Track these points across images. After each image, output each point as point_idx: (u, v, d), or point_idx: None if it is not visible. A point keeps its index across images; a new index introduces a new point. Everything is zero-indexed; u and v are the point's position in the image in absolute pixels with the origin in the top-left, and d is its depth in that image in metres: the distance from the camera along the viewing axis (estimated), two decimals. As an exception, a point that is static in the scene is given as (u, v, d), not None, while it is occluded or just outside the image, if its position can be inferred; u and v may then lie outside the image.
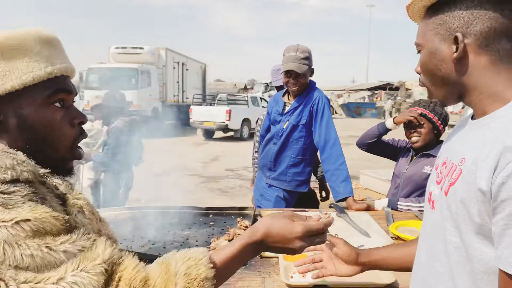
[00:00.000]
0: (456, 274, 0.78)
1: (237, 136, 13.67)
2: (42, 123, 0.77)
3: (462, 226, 0.75)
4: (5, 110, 0.75)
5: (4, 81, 0.73)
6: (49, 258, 0.64)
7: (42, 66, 0.76)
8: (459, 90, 0.83)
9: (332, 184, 2.37)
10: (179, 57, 17.75)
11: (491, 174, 0.68)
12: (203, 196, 6.25)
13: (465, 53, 0.78)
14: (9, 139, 0.76)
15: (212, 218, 2.04)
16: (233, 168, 8.61)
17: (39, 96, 0.76)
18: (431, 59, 0.84)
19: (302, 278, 1.37)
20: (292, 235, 0.84)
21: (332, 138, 2.40)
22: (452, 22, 0.79)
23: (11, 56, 0.74)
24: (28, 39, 0.76)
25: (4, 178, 0.67)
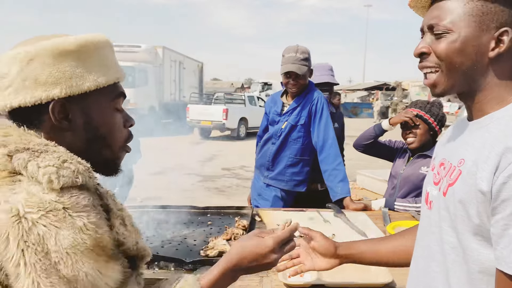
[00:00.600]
0: (452, 273, 0.78)
1: (234, 135, 13.66)
2: (105, 125, 0.81)
3: (460, 226, 0.75)
4: (75, 110, 0.77)
5: (82, 82, 0.76)
6: (98, 281, 0.66)
7: (112, 71, 0.81)
8: (471, 86, 0.80)
9: (330, 184, 2.38)
10: (176, 56, 17.72)
11: (492, 174, 0.68)
12: (200, 195, 6.25)
13: (504, 52, 0.75)
14: (72, 137, 0.78)
15: (210, 218, 2.04)
16: (230, 167, 8.61)
17: (105, 99, 0.81)
18: (465, 47, 0.76)
19: (300, 277, 1.37)
20: (265, 250, 0.88)
21: (330, 138, 2.41)
22: (501, 15, 0.74)
23: (88, 59, 0.77)
24: (101, 44, 0.80)
25: (76, 182, 0.68)
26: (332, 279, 1.37)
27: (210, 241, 1.62)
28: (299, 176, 2.57)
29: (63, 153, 0.72)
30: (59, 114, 0.76)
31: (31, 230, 0.62)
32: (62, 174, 0.67)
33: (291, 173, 2.56)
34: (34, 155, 0.68)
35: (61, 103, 0.75)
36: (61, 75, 0.74)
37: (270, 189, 2.60)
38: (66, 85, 0.74)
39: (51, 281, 0.62)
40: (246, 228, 1.79)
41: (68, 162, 0.70)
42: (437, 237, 0.83)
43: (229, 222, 1.94)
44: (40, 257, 0.62)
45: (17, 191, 0.65)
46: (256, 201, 2.69)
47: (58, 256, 0.62)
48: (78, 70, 0.75)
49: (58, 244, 0.63)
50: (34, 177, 0.66)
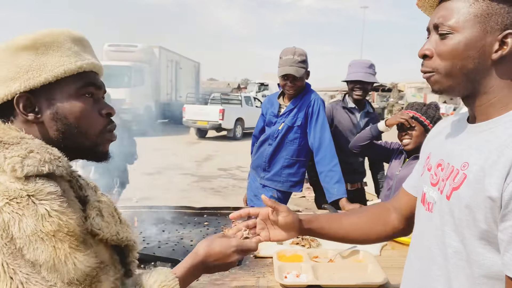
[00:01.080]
0: (454, 277, 0.78)
1: (230, 135, 13.64)
2: (74, 112, 0.81)
3: (466, 231, 0.75)
4: (40, 102, 0.79)
5: (39, 74, 0.77)
6: (59, 266, 0.68)
7: (73, 60, 0.81)
8: (474, 88, 0.79)
9: (326, 185, 2.39)
10: (173, 56, 17.68)
11: (502, 181, 0.68)
12: (196, 195, 6.23)
13: (507, 54, 0.74)
14: (44, 129, 0.80)
15: (207, 218, 2.04)
16: (226, 168, 8.60)
17: (70, 88, 0.81)
18: (469, 48, 0.76)
19: (296, 278, 1.38)
20: (230, 250, 0.94)
21: (326, 140, 2.43)
22: (506, 17, 0.74)
23: (45, 52, 0.78)
24: (60, 37, 0.81)
25: (42, 170, 0.71)
26: (328, 280, 1.38)
27: (207, 241, 1.62)
28: (295, 177, 2.58)
29: (34, 145, 0.75)
30: (25, 108, 0.78)
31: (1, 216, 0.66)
32: (26, 164, 0.70)
33: (287, 174, 2.57)
34: (4, 147, 0.72)
35: (25, 97, 0.78)
36: (18, 70, 0.77)
37: (267, 189, 2.61)
38: (24, 78, 0.76)
39: (17, 263, 0.66)
40: (242, 228, 1.80)
41: (35, 152, 0.73)
42: (439, 240, 0.82)
43: (226, 223, 1.94)
44: (6, 242, 0.66)
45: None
46: (252, 202, 2.70)
47: (21, 242, 0.66)
48: (35, 63, 0.77)
49: (22, 230, 0.66)
50: (1, 167, 0.70)
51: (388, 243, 1.74)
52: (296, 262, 1.50)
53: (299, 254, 1.56)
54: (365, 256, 1.55)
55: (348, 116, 2.77)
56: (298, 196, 5.70)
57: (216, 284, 1.34)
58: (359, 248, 1.60)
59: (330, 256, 1.56)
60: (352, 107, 2.77)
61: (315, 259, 1.54)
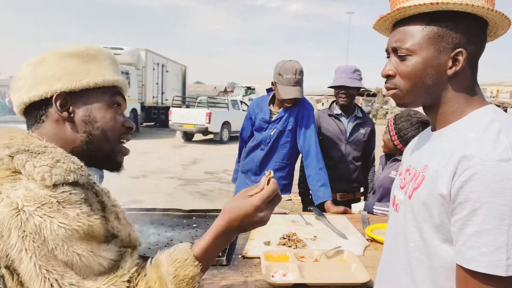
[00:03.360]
0: (416, 269, 0.86)
1: (216, 139, 13.65)
2: (104, 118, 0.91)
3: (423, 226, 0.83)
4: (75, 104, 0.88)
5: (81, 78, 0.87)
6: (91, 262, 0.74)
7: (111, 74, 0.92)
8: (433, 100, 0.88)
9: (313, 188, 2.46)
10: (159, 59, 17.61)
11: (450, 180, 0.77)
12: (182, 199, 6.23)
13: (460, 70, 0.83)
14: (73, 129, 0.88)
15: (195, 220, 2.07)
16: (213, 171, 8.61)
17: (104, 97, 0.91)
18: (425, 68, 0.85)
19: (283, 277, 1.43)
20: (253, 209, 0.87)
21: (313, 144, 2.50)
22: (455, 37, 0.82)
23: (89, 61, 0.89)
24: (103, 53, 0.93)
25: (68, 179, 0.77)
26: (314, 278, 1.43)
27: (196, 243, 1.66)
28: (285, 180, 2.65)
29: (59, 154, 0.80)
30: (61, 106, 0.86)
31: (28, 221, 0.70)
32: (54, 173, 0.75)
33: (278, 177, 2.62)
34: (32, 156, 0.77)
35: (63, 96, 0.86)
36: (64, 71, 0.86)
37: (257, 193, 2.66)
38: (67, 80, 0.86)
39: (51, 264, 0.71)
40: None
41: (61, 162, 0.78)
42: (403, 237, 0.91)
43: (214, 225, 1.98)
44: (38, 244, 0.70)
45: (17, 188, 0.73)
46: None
47: (54, 243, 0.71)
48: (79, 69, 0.87)
49: (53, 232, 0.71)
50: (31, 175, 0.74)
51: (371, 244, 1.80)
52: (283, 262, 1.54)
53: (285, 254, 1.61)
54: (349, 256, 1.60)
55: (334, 123, 2.79)
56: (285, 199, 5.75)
57: (206, 283, 1.38)
58: (343, 248, 1.66)
59: (315, 256, 1.61)
60: (339, 114, 2.80)
61: (301, 259, 1.59)
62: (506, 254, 0.70)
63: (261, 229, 1.93)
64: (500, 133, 0.76)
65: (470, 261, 0.73)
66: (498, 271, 0.70)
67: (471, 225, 0.73)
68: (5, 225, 0.70)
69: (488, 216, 0.71)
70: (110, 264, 0.78)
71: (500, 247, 0.70)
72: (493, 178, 0.71)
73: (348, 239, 1.83)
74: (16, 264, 0.71)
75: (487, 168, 0.72)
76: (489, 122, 0.80)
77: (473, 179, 0.73)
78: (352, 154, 2.78)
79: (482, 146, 0.75)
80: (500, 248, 0.70)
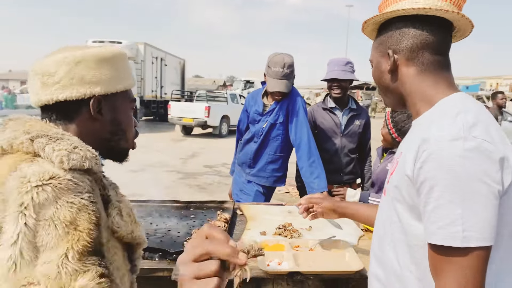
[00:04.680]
0: (398, 249, 0.92)
1: (216, 133, 13.66)
2: (125, 121, 0.98)
3: (398, 206, 0.90)
4: (106, 106, 0.94)
5: (116, 84, 0.93)
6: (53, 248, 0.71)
7: (131, 77, 0.99)
8: (399, 97, 1.00)
9: (306, 180, 2.49)
10: (158, 52, 17.56)
11: (413, 162, 0.83)
12: (181, 192, 6.27)
13: (396, 66, 0.96)
14: (100, 128, 0.94)
15: (193, 212, 2.11)
16: (212, 165, 8.64)
17: (126, 101, 0.99)
18: (376, 72, 1.02)
19: (278, 265, 1.46)
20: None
21: (305, 136, 2.51)
22: (387, 41, 0.97)
23: (119, 67, 0.95)
24: (125, 57, 0.98)
25: (83, 166, 0.80)
26: (308, 267, 1.46)
27: (193, 233, 1.69)
28: (279, 172, 2.67)
29: (75, 141, 0.84)
30: (94, 108, 0.91)
31: (37, 194, 0.71)
32: (72, 158, 0.79)
33: (271, 170, 2.65)
34: (51, 140, 0.80)
35: (98, 99, 0.91)
36: (102, 77, 0.91)
37: (252, 184, 2.70)
38: (105, 85, 0.91)
39: (34, 235, 0.69)
40: (227, 221, 1.87)
41: (79, 149, 0.82)
42: (386, 219, 0.98)
43: (212, 216, 2.02)
44: (35, 218, 0.70)
45: (32, 166, 0.76)
46: (238, 196, 2.77)
47: (46, 223, 0.70)
48: (114, 74, 0.93)
49: (56, 213, 0.71)
50: (49, 157, 0.78)
51: (365, 234, 1.84)
52: (278, 251, 1.58)
53: (281, 244, 1.64)
54: (343, 245, 1.64)
55: (329, 117, 2.80)
56: (282, 192, 5.80)
57: (203, 272, 1.41)
58: (338, 238, 1.70)
59: (310, 246, 1.64)
60: (333, 107, 2.80)
61: (296, 248, 1.63)
62: (462, 226, 0.75)
63: (257, 220, 1.97)
64: (457, 115, 0.82)
65: (431, 235, 0.79)
66: (455, 242, 0.75)
67: (430, 201, 0.79)
68: (11, 194, 0.71)
69: (443, 192, 0.76)
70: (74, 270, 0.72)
71: (455, 219, 0.75)
72: (445, 156, 0.77)
73: (343, 229, 1.86)
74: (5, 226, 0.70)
75: (440, 148, 0.78)
76: (450, 107, 0.86)
77: (429, 159, 0.79)
78: (348, 146, 2.81)
79: (439, 129, 0.81)
80: (456, 220, 0.75)
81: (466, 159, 0.75)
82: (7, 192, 0.72)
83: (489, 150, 0.76)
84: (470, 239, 0.74)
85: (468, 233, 0.74)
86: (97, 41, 14.89)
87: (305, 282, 1.46)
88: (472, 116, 0.81)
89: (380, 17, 0.97)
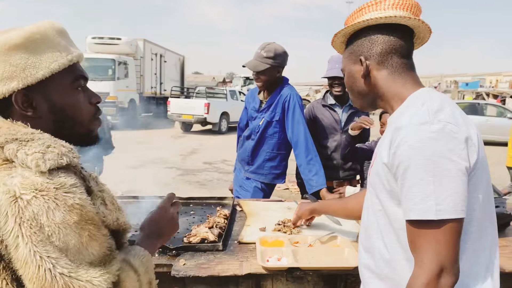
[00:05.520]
0: (385, 234, 0.99)
1: (215, 129, 13.65)
2: (69, 105, 0.88)
3: (380, 194, 0.97)
4: (37, 97, 0.84)
5: (36, 71, 0.81)
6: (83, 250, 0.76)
7: (64, 54, 0.85)
8: (372, 99, 1.08)
9: (305, 177, 2.49)
10: (157, 49, 17.52)
11: (388, 149, 0.92)
12: (181, 188, 6.27)
13: (368, 71, 1.03)
14: (43, 122, 0.85)
15: (192, 208, 2.11)
16: (211, 162, 8.65)
17: (64, 82, 0.87)
18: (349, 78, 1.10)
19: (277, 261, 1.47)
20: (162, 210, 1.10)
21: (302, 133, 2.50)
22: (358, 49, 1.05)
23: (37, 49, 0.82)
24: (48, 32, 0.84)
25: (61, 163, 0.78)
26: (307, 263, 1.47)
27: (193, 228, 1.70)
28: (277, 169, 2.67)
29: (47, 139, 0.81)
30: (23, 104, 0.82)
31: (26, 208, 0.72)
32: (47, 158, 0.76)
33: (269, 167, 2.65)
34: (22, 145, 0.77)
35: (22, 94, 0.82)
36: (15, 69, 0.80)
37: (251, 181, 2.70)
38: (21, 76, 0.80)
39: (46, 249, 0.72)
40: (227, 216, 1.88)
41: (52, 147, 0.79)
42: (370, 208, 1.05)
43: (211, 212, 2.02)
44: (35, 231, 0.71)
45: (14, 175, 0.75)
46: (238, 192, 2.78)
47: (50, 230, 0.72)
48: (30, 61, 0.81)
49: (50, 219, 0.72)
50: (25, 163, 0.76)
51: (365, 230, 1.84)
52: (278, 247, 1.58)
53: (280, 240, 1.65)
54: (342, 241, 1.65)
55: (329, 113, 2.79)
56: (282, 188, 5.81)
57: (202, 268, 1.42)
58: (337, 234, 1.71)
59: (309, 242, 1.65)
60: (333, 104, 2.80)
61: (296, 244, 1.63)
62: (435, 201, 0.82)
63: (256, 216, 1.97)
64: (424, 103, 0.91)
65: (408, 212, 0.86)
66: (429, 215, 0.82)
67: (406, 182, 0.86)
68: (1, 212, 0.71)
69: (415, 171, 0.84)
70: (101, 254, 0.80)
71: (428, 195, 0.82)
72: (415, 138, 0.85)
73: (342, 225, 1.87)
74: (11, 250, 0.72)
75: (410, 132, 0.86)
76: (417, 97, 0.97)
77: (401, 144, 0.87)
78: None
79: (408, 117, 0.90)
80: (429, 196, 0.82)
81: (433, 140, 0.83)
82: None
83: (453, 131, 0.84)
84: (443, 212, 0.81)
85: (440, 207, 0.81)
86: (96, 37, 14.86)
87: (304, 278, 1.47)
88: (437, 103, 0.90)
89: (350, 28, 1.05)
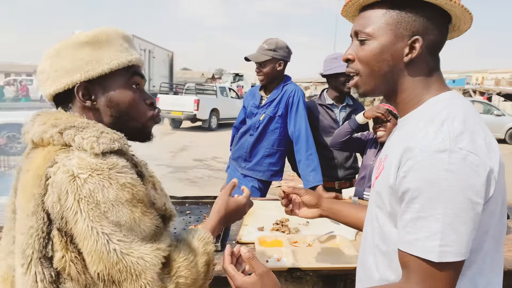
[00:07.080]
0: (377, 256, 0.91)
1: (205, 126, 13.58)
2: (125, 100, 0.96)
3: (379, 213, 0.89)
4: (96, 91, 0.93)
5: (97, 66, 0.90)
6: (136, 226, 0.83)
7: (124, 55, 0.94)
8: (392, 88, 0.89)
9: (303, 173, 2.49)
10: (146, 44, 17.36)
11: (396, 170, 0.80)
12: (172, 186, 6.22)
13: (417, 57, 0.84)
14: (99, 115, 0.95)
15: (188, 207, 2.08)
16: (202, 159, 8.60)
17: (122, 79, 0.95)
18: (383, 53, 0.86)
19: (277, 262, 1.45)
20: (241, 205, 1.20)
21: (303, 130, 2.50)
22: (413, 25, 0.83)
23: (101, 47, 0.92)
24: (112, 35, 0.95)
25: (113, 147, 0.86)
26: (307, 263, 1.46)
27: (190, 229, 1.67)
28: (275, 166, 2.66)
29: (101, 127, 0.90)
30: (84, 96, 0.92)
31: (83, 186, 0.79)
32: (101, 142, 0.85)
33: (268, 164, 2.64)
34: (78, 130, 0.86)
35: (84, 86, 0.91)
36: (80, 62, 0.90)
37: (247, 179, 2.68)
38: (84, 70, 0.90)
39: (101, 225, 0.79)
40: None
41: (105, 133, 0.88)
42: (369, 223, 0.96)
43: (208, 211, 1.99)
44: (92, 207, 0.79)
45: (71, 157, 0.83)
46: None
47: (106, 206, 0.80)
48: (93, 57, 0.90)
49: (105, 196, 0.80)
50: (81, 146, 0.84)
51: (362, 229, 1.84)
52: (277, 247, 1.57)
53: (279, 240, 1.64)
54: (341, 241, 1.64)
55: (327, 113, 2.75)
56: (276, 186, 5.80)
57: (201, 269, 1.39)
58: (336, 233, 1.70)
59: (308, 241, 1.64)
60: (330, 104, 2.75)
61: (295, 244, 1.62)
62: (440, 242, 0.73)
63: (254, 215, 1.95)
64: (444, 122, 0.78)
65: (407, 245, 0.77)
66: (431, 256, 0.74)
67: (409, 212, 0.77)
68: (62, 189, 0.79)
69: (425, 205, 0.74)
70: (152, 232, 0.86)
71: (434, 233, 0.74)
72: (429, 168, 0.74)
73: (339, 224, 1.85)
74: (71, 225, 0.79)
75: (424, 159, 0.75)
76: (438, 111, 0.81)
77: (412, 170, 0.76)
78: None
79: (424, 137, 0.77)
80: (435, 235, 0.73)
81: (451, 173, 0.72)
82: (57, 185, 0.79)
83: (475, 164, 0.73)
84: (447, 255, 0.74)
85: (444, 248, 0.73)
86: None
87: (304, 278, 1.45)
88: (459, 122, 0.77)
89: None
